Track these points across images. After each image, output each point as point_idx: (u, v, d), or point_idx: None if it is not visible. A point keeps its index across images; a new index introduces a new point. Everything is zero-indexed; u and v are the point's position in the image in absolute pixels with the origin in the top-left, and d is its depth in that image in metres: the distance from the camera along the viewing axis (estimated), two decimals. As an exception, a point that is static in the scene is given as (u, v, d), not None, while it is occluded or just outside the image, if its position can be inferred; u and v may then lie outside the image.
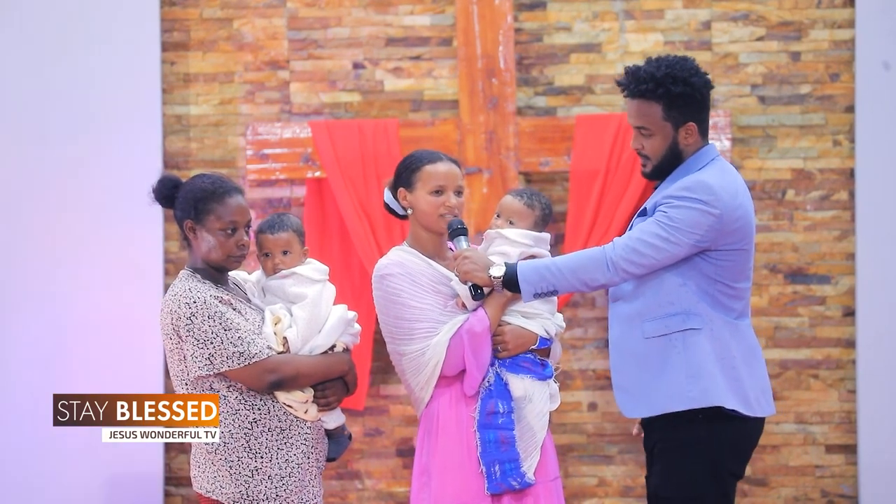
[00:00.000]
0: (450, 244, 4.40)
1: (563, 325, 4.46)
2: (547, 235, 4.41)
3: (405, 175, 4.36)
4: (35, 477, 6.97)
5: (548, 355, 4.37)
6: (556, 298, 4.39)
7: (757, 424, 4.31)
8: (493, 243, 4.37)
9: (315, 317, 4.30)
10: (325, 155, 6.95)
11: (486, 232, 4.43)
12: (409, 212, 4.38)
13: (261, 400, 4.20)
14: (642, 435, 4.52)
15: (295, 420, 4.24)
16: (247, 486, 4.18)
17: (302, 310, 4.30)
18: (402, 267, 4.29)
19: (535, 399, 4.25)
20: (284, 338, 4.25)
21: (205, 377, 4.17)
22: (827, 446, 7.03)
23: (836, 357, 7.02)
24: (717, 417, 4.20)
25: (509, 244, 4.33)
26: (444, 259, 4.36)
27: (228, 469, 4.19)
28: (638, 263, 4.18)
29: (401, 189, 4.37)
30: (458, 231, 4.29)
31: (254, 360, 4.14)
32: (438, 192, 4.31)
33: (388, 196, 4.43)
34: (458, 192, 4.34)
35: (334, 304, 4.43)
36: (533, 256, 4.32)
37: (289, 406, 4.22)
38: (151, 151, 7.05)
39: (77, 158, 7.03)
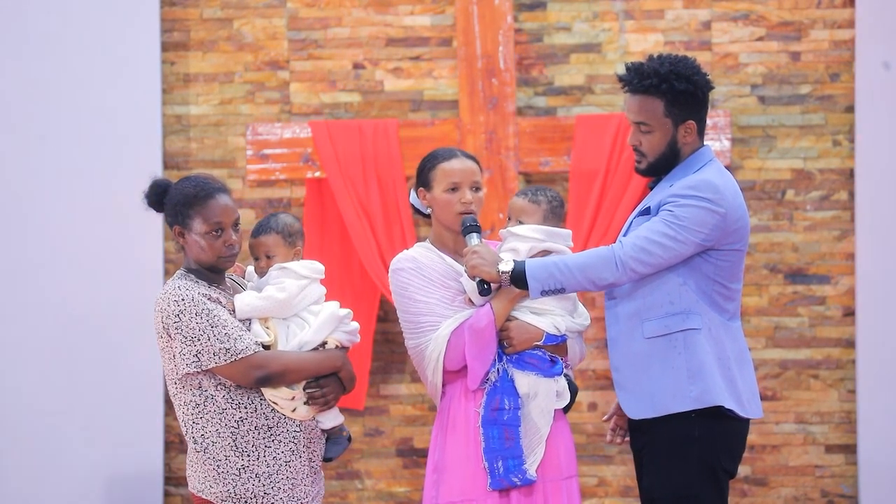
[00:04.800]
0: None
1: (587, 322, 4.44)
2: (566, 231, 4.40)
3: (423, 174, 4.39)
4: (35, 476, 6.97)
5: (564, 353, 4.36)
6: (574, 296, 4.39)
7: (746, 425, 4.34)
8: (505, 242, 4.38)
9: (278, 299, 4.25)
10: (325, 155, 6.95)
11: (500, 232, 4.44)
12: (429, 210, 4.39)
13: (248, 398, 4.20)
14: (617, 440, 4.53)
15: (283, 418, 4.23)
16: (234, 484, 4.18)
17: (271, 288, 4.29)
18: (413, 262, 4.32)
19: (539, 396, 4.25)
20: (233, 300, 4.24)
21: (193, 374, 4.17)
22: (827, 446, 7.03)
23: (836, 357, 7.03)
24: (710, 416, 4.21)
25: (519, 240, 4.33)
26: (463, 256, 4.36)
27: (216, 468, 4.18)
28: (647, 262, 4.19)
29: (420, 189, 4.40)
30: (470, 228, 4.29)
31: (240, 356, 4.13)
32: (454, 188, 4.32)
33: (412, 196, 4.45)
34: (475, 188, 4.35)
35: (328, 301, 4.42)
36: (547, 251, 4.32)
37: (274, 403, 4.21)
38: (151, 151, 7.05)
39: (77, 158, 7.03)
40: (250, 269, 4.52)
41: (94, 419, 6.98)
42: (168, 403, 7.05)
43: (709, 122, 4.47)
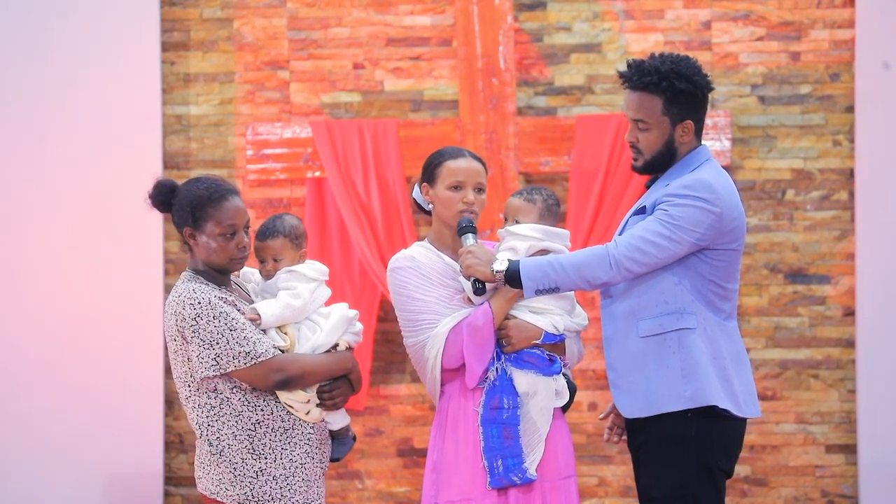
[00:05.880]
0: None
1: (585, 323, 4.44)
2: (564, 231, 4.40)
3: (429, 170, 4.39)
4: (35, 476, 6.97)
5: (562, 352, 4.36)
6: (572, 295, 4.39)
7: (743, 425, 4.34)
8: (503, 241, 4.38)
9: (295, 307, 4.26)
10: (325, 155, 6.96)
11: (498, 232, 4.45)
12: (431, 206, 4.39)
13: (264, 401, 4.20)
14: (615, 439, 4.53)
15: (298, 420, 4.24)
16: (251, 487, 4.17)
17: (286, 294, 4.29)
18: (411, 260, 4.32)
19: (538, 394, 4.25)
20: (254, 308, 4.23)
21: (209, 378, 4.15)
22: (827, 446, 7.03)
23: (836, 357, 7.02)
24: (706, 416, 4.21)
25: (518, 239, 4.33)
26: (458, 257, 4.36)
27: (233, 471, 4.18)
28: (641, 262, 4.19)
29: (424, 184, 4.40)
30: (465, 229, 4.30)
31: (260, 360, 4.13)
32: (457, 187, 4.33)
33: (415, 191, 4.46)
34: (479, 190, 4.35)
35: (334, 303, 4.42)
36: (545, 251, 4.32)
37: (290, 406, 4.21)
38: (151, 151, 7.05)
39: (77, 158, 7.03)
40: (245, 270, 4.51)
41: (94, 419, 6.98)
42: (168, 403, 7.05)
43: (709, 122, 4.47)
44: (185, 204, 4.23)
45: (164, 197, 4.29)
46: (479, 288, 4.22)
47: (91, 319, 6.99)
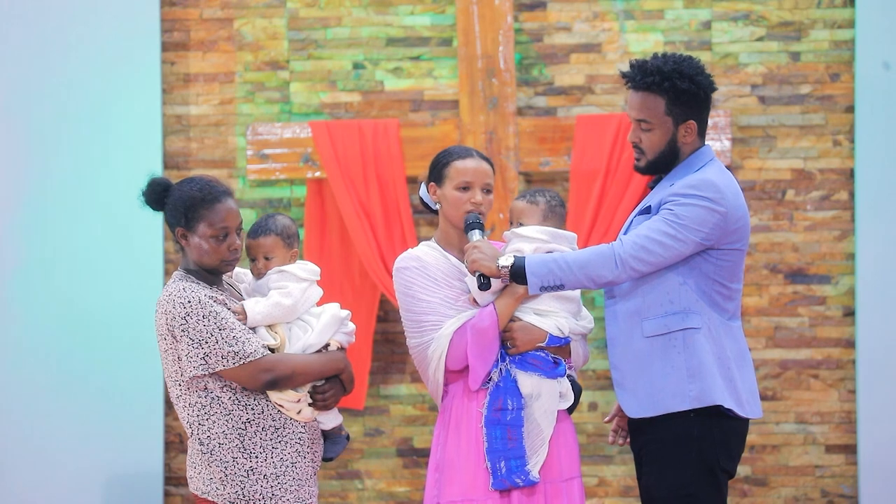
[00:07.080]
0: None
1: (591, 325, 4.44)
2: (571, 234, 4.41)
3: (436, 170, 4.40)
4: (35, 476, 6.97)
5: (567, 355, 4.36)
6: (578, 297, 4.39)
7: (745, 425, 4.35)
8: (509, 243, 4.38)
9: (285, 306, 4.26)
10: (325, 155, 6.95)
11: (504, 234, 4.45)
12: (438, 206, 4.39)
13: (254, 400, 4.20)
14: (619, 442, 4.54)
15: (289, 419, 4.24)
16: (242, 486, 4.18)
17: (276, 293, 4.28)
18: (417, 260, 4.32)
19: (543, 396, 4.25)
20: (242, 305, 4.23)
21: (199, 377, 4.16)
22: (827, 446, 7.03)
23: (836, 357, 7.02)
24: (709, 416, 4.22)
25: (524, 241, 4.33)
26: (464, 252, 4.36)
27: (223, 470, 4.18)
28: (646, 261, 4.19)
29: (431, 183, 4.41)
30: (472, 225, 4.30)
31: (249, 360, 4.13)
32: (465, 188, 4.33)
33: (422, 189, 4.46)
34: (487, 190, 4.35)
35: (327, 303, 4.42)
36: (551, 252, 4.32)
37: (280, 406, 4.22)
38: (151, 151, 7.05)
39: (77, 158, 7.02)
40: (238, 270, 4.51)
41: (94, 419, 6.98)
42: (168, 403, 7.05)
43: (709, 121, 4.47)
44: (179, 204, 4.24)
45: (157, 196, 4.30)
46: (484, 283, 4.22)
47: (91, 319, 6.99)
